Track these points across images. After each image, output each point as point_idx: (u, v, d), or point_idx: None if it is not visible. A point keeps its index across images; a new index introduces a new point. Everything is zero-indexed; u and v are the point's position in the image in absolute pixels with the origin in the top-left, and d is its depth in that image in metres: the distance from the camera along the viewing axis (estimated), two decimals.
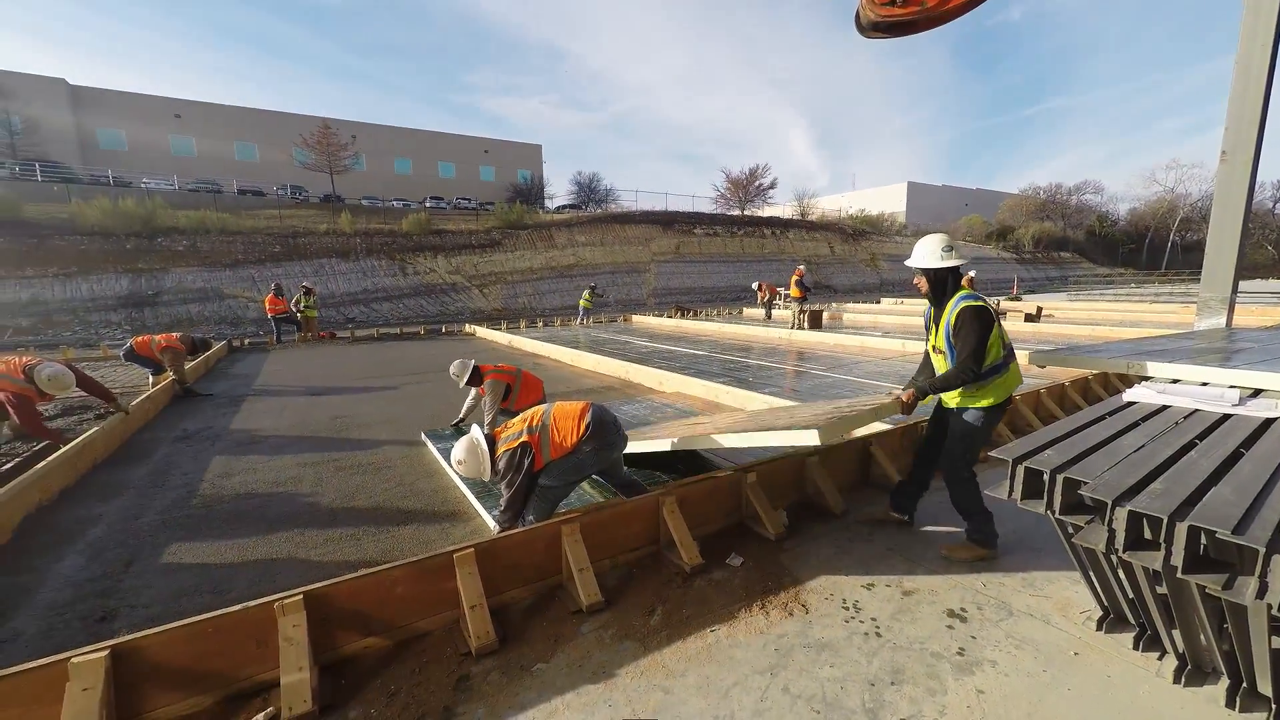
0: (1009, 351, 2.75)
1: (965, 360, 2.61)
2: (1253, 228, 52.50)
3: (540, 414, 2.98)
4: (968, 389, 2.72)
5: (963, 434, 2.80)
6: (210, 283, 20.71)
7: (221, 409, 6.65)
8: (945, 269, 2.72)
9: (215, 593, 2.69)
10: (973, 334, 2.59)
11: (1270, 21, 5.48)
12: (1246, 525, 1.24)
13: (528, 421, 2.93)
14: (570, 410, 3.00)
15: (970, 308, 2.62)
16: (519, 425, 2.93)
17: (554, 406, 3.05)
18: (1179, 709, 1.83)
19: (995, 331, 2.65)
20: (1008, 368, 2.74)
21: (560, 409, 3.02)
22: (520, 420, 2.98)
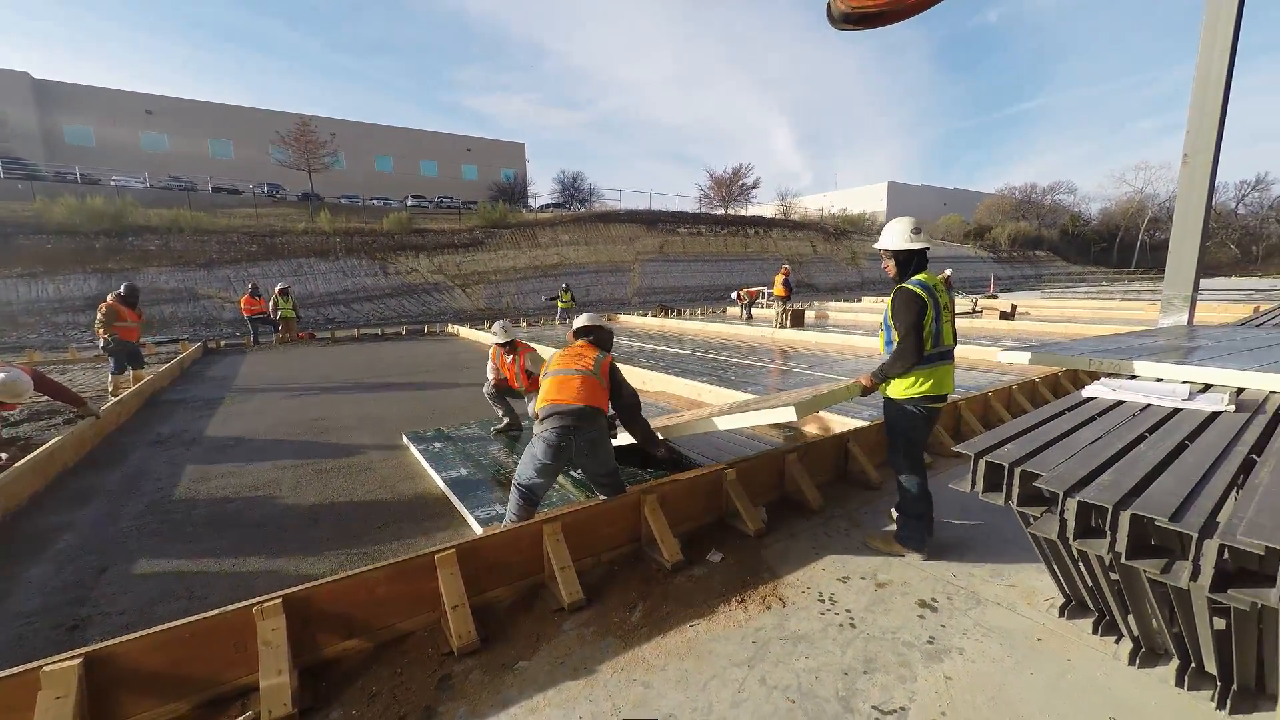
0: (940, 351, 2.70)
1: (901, 341, 2.63)
2: (1215, 227, 54.32)
3: (549, 369, 3.21)
4: (902, 378, 2.73)
5: (891, 424, 2.87)
6: (184, 283, 20.25)
7: (197, 412, 6.53)
8: (910, 251, 2.73)
9: (191, 599, 2.66)
10: (902, 315, 2.60)
11: (1228, 30, 5.70)
12: (1183, 513, 1.32)
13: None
14: (554, 383, 3.07)
15: (903, 290, 2.63)
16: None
17: (552, 373, 3.15)
18: (1133, 689, 1.92)
19: (928, 319, 2.62)
20: (933, 365, 2.70)
21: (551, 379, 3.11)
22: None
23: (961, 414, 4.78)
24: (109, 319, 7.27)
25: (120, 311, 7.44)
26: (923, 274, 2.73)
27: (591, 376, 3.07)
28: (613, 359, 3.28)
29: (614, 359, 3.29)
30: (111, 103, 33.95)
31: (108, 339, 7.28)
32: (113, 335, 7.31)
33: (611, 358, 3.28)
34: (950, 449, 2.81)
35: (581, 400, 2.96)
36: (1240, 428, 1.94)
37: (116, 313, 7.38)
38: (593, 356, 3.20)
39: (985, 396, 5.07)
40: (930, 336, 2.64)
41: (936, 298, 2.67)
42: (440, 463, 4.31)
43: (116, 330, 7.35)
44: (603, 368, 3.16)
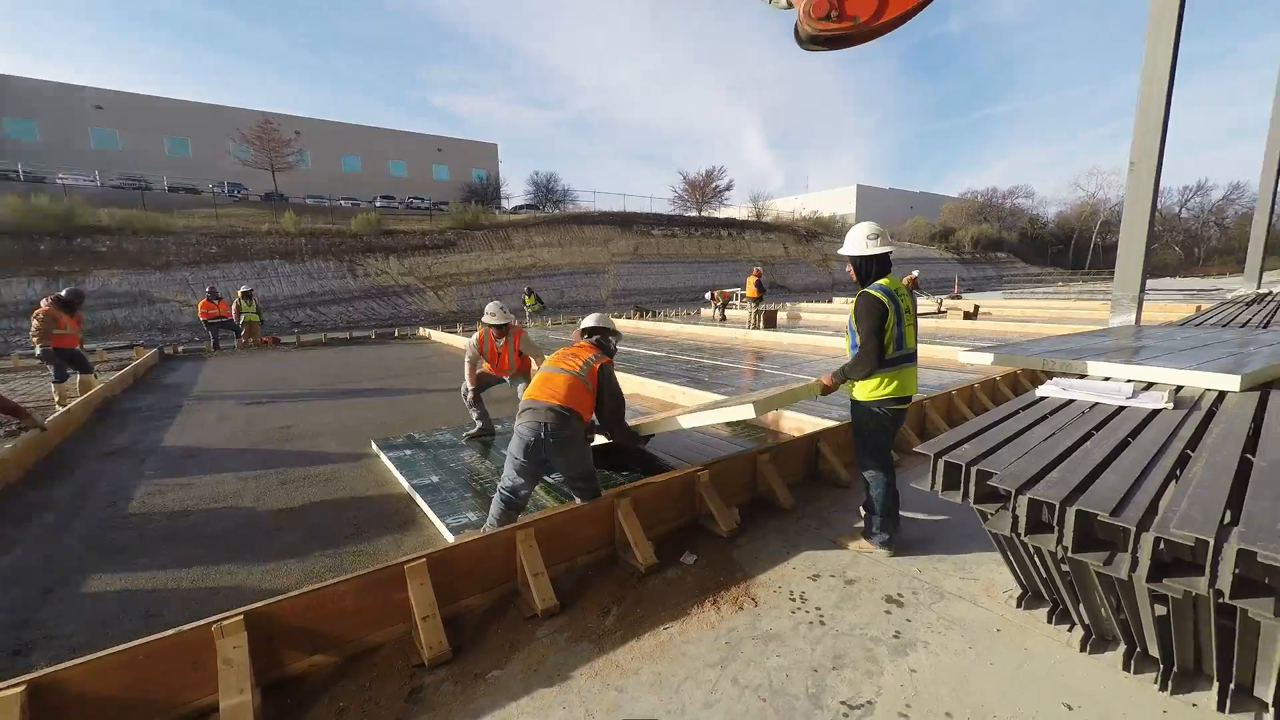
0: (903, 354, 2.77)
1: (862, 345, 2.71)
2: (1160, 231, 57.29)
3: (543, 365, 3.28)
4: (866, 380, 2.80)
5: (857, 426, 2.95)
6: (138, 286, 19.41)
7: (153, 422, 6.27)
8: (868, 257, 2.79)
9: (147, 618, 2.56)
10: (864, 320, 2.67)
11: (1168, 44, 6.02)
12: (1123, 508, 1.39)
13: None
14: (540, 380, 3.12)
15: (864, 295, 2.71)
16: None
17: (543, 369, 3.21)
18: (1084, 675, 2.01)
19: (889, 324, 2.68)
20: (896, 367, 2.76)
21: (539, 376, 3.16)
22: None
23: (927, 412, 4.93)
24: (46, 327, 6.82)
25: (58, 319, 6.97)
26: (885, 278, 2.79)
27: (577, 379, 3.06)
28: (607, 363, 3.25)
29: (609, 363, 3.26)
30: (58, 97, 32.28)
31: (44, 347, 6.84)
32: (45, 344, 6.83)
33: (607, 361, 3.26)
34: (913, 448, 2.88)
35: (559, 400, 2.96)
36: (1177, 424, 2.06)
37: (54, 320, 6.91)
38: (585, 358, 3.18)
39: (949, 395, 5.24)
40: (892, 340, 2.71)
41: (898, 302, 2.73)
42: (411, 470, 4.24)
43: (52, 339, 6.88)
44: (592, 370, 3.13)
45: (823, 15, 1.75)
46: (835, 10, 1.74)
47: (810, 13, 1.76)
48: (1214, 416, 2.20)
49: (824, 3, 1.74)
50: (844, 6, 1.74)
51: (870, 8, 1.73)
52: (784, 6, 2.00)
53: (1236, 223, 57.59)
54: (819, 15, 1.75)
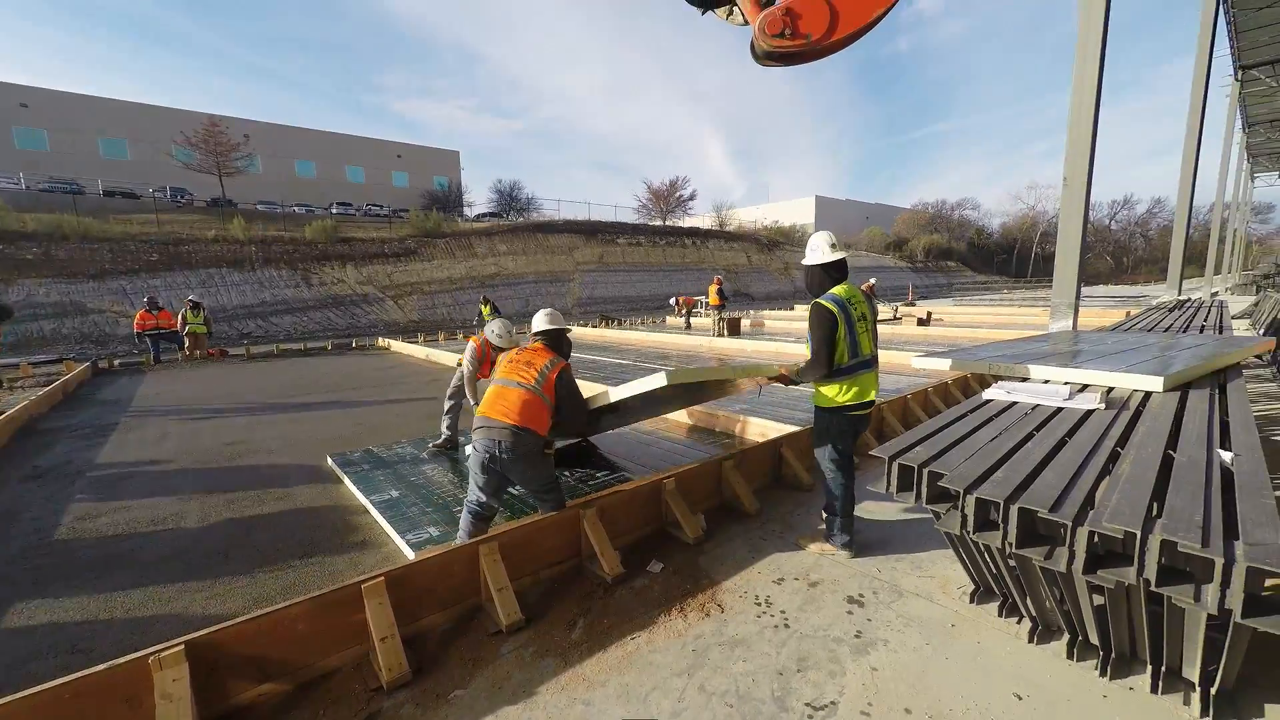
0: (859, 360, 2.83)
1: (813, 352, 2.82)
2: (1093, 242, 61.32)
3: (495, 375, 3.12)
4: (823, 385, 2.90)
5: (819, 431, 3.02)
6: (69, 296, 18.17)
7: (85, 440, 5.86)
8: (818, 265, 2.88)
9: (74, 653, 2.38)
10: (815, 330, 2.77)
11: (1094, 68, 6.48)
12: (1061, 504, 1.48)
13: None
14: (493, 395, 2.98)
15: (815, 305, 2.79)
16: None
17: (497, 380, 3.05)
18: (1032, 665, 2.11)
19: (840, 334, 2.74)
20: (854, 374, 2.83)
21: (493, 389, 3.02)
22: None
23: (884, 416, 5.09)
24: None
25: None
26: (840, 287, 2.85)
27: (532, 394, 2.91)
28: (565, 366, 3.09)
29: (566, 368, 3.10)
30: None
31: None
32: None
33: (564, 365, 3.10)
34: (869, 452, 2.97)
35: (512, 419, 2.84)
36: (1109, 423, 2.20)
37: None
38: (540, 366, 3.01)
39: (904, 399, 5.43)
40: (847, 348, 2.78)
41: (850, 311, 2.79)
42: (369, 485, 4.10)
43: None
44: (549, 382, 2.99)
45: (777, 32, 1.82)
46: (789, 28, 1.80)
47: (765, 30, 1.82)
48: (1140, 416, 2.36)
49: (778, 21, 1.80)
50: (797, 25, 1.81)
51: (822, 26, 1.80)
52: (741, 23, 2.06)
53: (1159, 234, 62.18)
54: (773, 32, 1.82)
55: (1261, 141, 28.97)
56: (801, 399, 6.63)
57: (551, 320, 3.26)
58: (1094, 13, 6.48)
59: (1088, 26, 6.55)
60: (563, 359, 3.16)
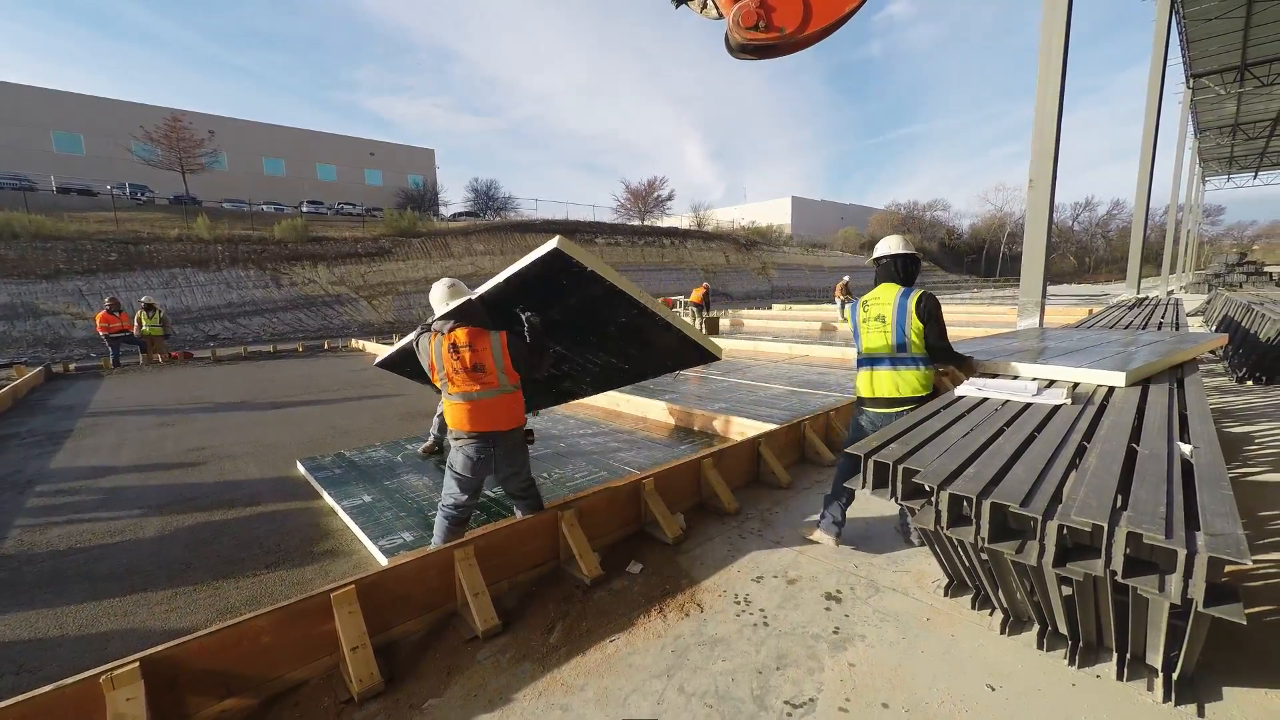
0: (863, 357, 3.04)
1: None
2: (1057, 242, 63.46)
3: (447, 389, 2.87)
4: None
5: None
6: (20, 297, 17.33)
7: (36, 448, 5.58)
8: (874, 265, 3.10)
9: (21, 673, 2.25)
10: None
11: (1057, 74, 6.68)
12: (1031, 498, 1.51)
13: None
14: (463, 412, 2.80)
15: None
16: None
17: (453, 397, 2.84)
18: (1004, 656, 2.15)
19: (857, 330, 3.04)
20: (860, 368, 3.07)
21: (456, 407, 2.82)
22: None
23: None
24: None
25: None
26: (876, 288, 3.00)
27: (502, 395, 2.81)
28: (504, 334, 2.82)
29: (504, 335, 2.82)
30: None
31: None
32: None
33: (503, 334, 2.82)
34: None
35: (500, 425, 2.83)
36: (1075, 418, 2.26)
37: None
38: (489, 355, 2.76)
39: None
40: (858, 345, 3.03)
41: (860, 312, 2.99)
42: (340, 490, 3.99)
43: None
44: (506, 365, 2.79)
45: (751, 25, 1.82)
46: (763, 20, 1.81)
47: (739, 22, 1.82)
48: (1105, 410, 2.43)
49: (752, 13, 1.80)
50: (771, 17, 1.81)
51: (796, 19, 1.81)
52: (715, 17, 2.06)
53: (1118, 235, 64.72)
54: (747, 25, 1.82)
55: (1212, 147, 30.39)
56: (781, 398, 6.69)
57: (455, 292, 2.88)
58: (1055, 22, 6.69)
59: (1049, 35, 6.76)
60: (489, 329, 2.84)
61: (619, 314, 3.07)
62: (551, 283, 2.89)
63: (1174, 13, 15.41)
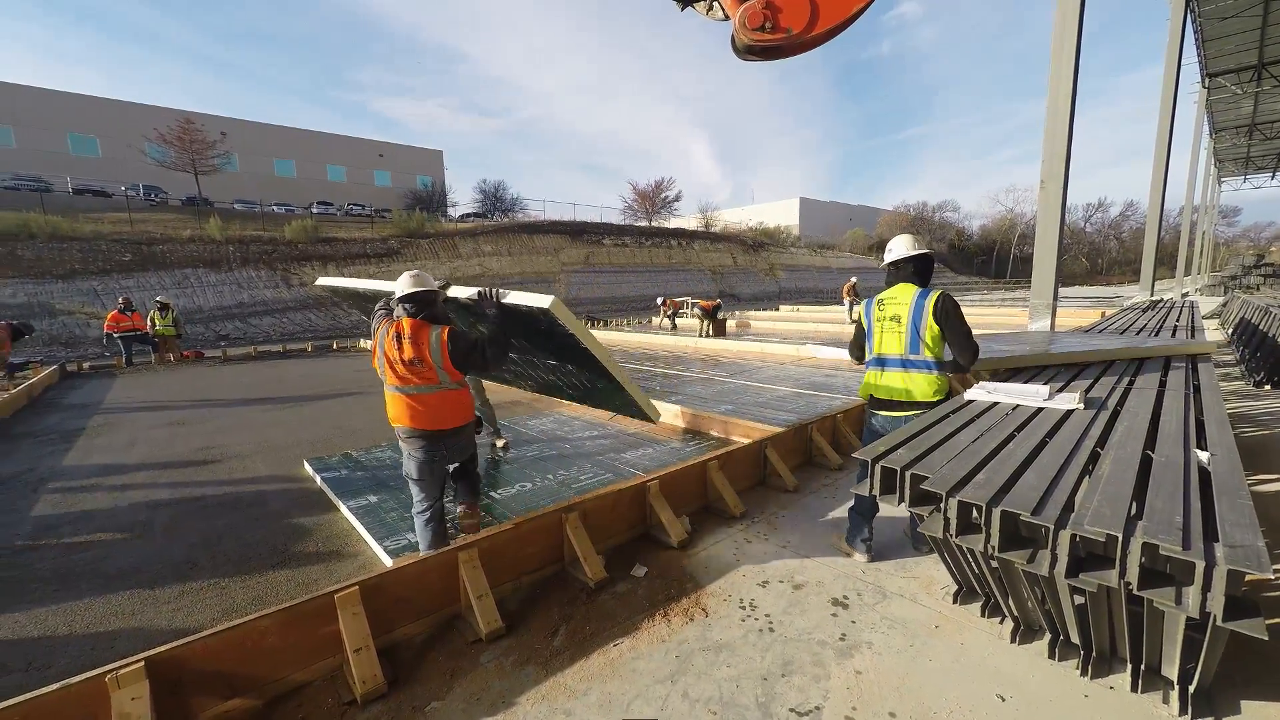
0: (872, 360, 2.97)
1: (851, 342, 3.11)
2: (1069, 244, 62.75)
3: (387, 381, 2.83)
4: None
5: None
6: (37, 297, 17.59)
7: (49, 446, 5.65)
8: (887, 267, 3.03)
9: (29, 670, 2.27)
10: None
11: (1069, 74, 6.59)
12: (1043, 506, 1.47)
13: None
14: (403, 406, 2.77)
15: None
16: None
17: (394, 389, 2.79)
18: (1015, 665, 2.11)
19: (862, 330, 3.01)
20: (868, 369, 3.03)
21: (397, 399, 2.79)
22: None
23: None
24: None
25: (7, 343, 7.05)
26: (891, 288, 2.93)
27: (444, 391, 2.77)
28: (449, 331, 2.76)
29: (451, 330, 2.77)
30: None
31: None
32: None
33: (447, 330, 2.76)
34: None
35: (444, 423, 2.81)
36: (1088, 424, 2.22)
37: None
38: (426, 349, 2.70)
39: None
40: (867, 344, 2.98)
41: (874, 312, 2.93)
42: (347, 490, 4.00)
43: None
44: (445, 362, 2.72)
45: (757, 26, 1.80)
46: (769, 21, 1.79)
47: (745, 23, 1.80)
48: (1119, 415, 2.38)
49: (759, 14, 1.78)
50: (778, 18, 1.79)
51: (803, 20, 1.79)
52: (721, 18, 2.04)
53: (1131, 236, 63.83)
54: (754, 26, 1.80)
55: (1228, 147, 29.92)
56: (787, 400, 6.65)
57: (417, 282, 2.82)
58: (1068, 21, 6.61)
59: (1061, 34, 6.68)
60: (441, 324, 2.81)
61: (586, 364, 3.23)
62: (537, 322, 3.08)
63: (1189, 11, 15.20)
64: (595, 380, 3.40)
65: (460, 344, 2.75)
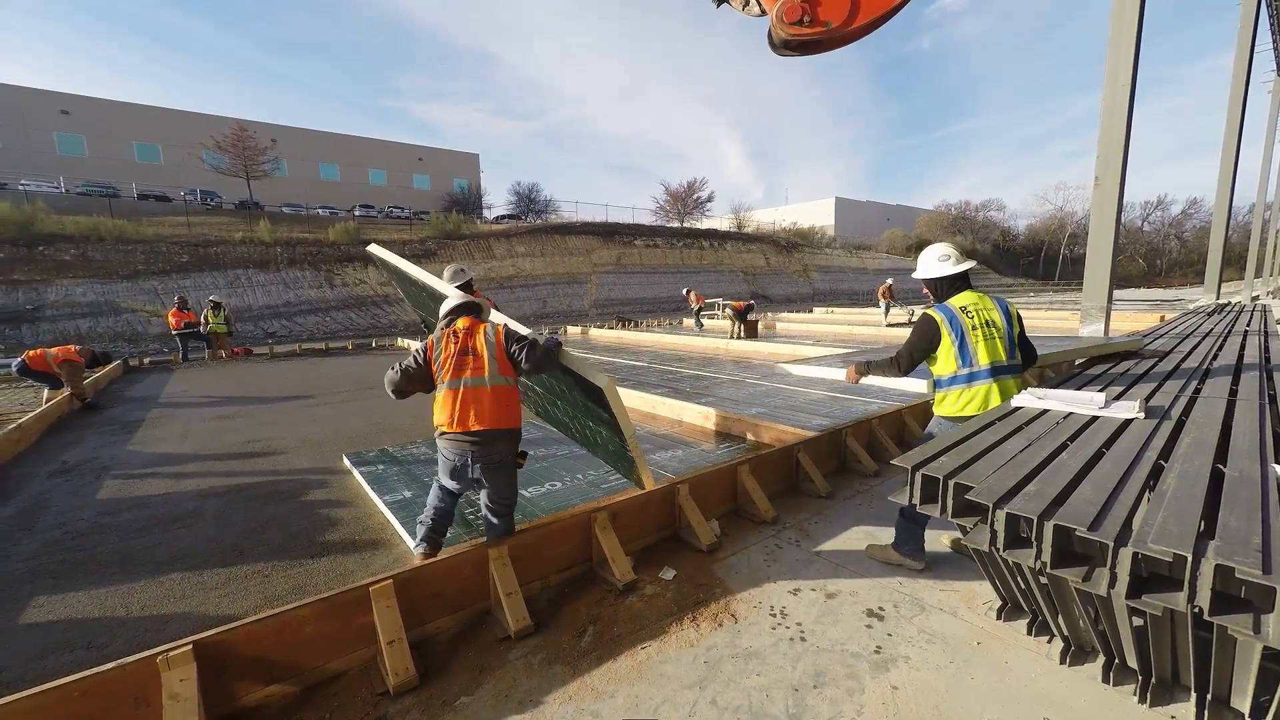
0: (972, 372, 2.68)
1: (898, 352, 2.83)
2: (1124, 243, 59.51)
3: (441, 375, 2.69)
4: (946, 397, 2.79)
5: (921, 438, 2.96)
6: (104, 295, 18.76)
7: (112, 436, 6.00)
8: (936, 279, 2.85)
9: (90, 649, 2.40)
10: (911, 337, 2.78)
11: (1128, 65, 6.24)
12: (1101, 521, 1.38)
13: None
14: (454, 401, 2.61)
15: (923, 315, 2.77)
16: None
17: (448, 384, 2.65)
18: (1064, 687, 1.99)
19: (945, 344, 2.68)
20: (970, 384, 2.69)
21: (447, 393, 2.64)
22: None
23: (905, 422, 4.95)
24: (75, 377, 7.43)
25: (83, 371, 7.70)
26: (960, 296, 2.77)
27: (499, 386, 2.63)
28: (503, 329, 2.79)
29: (501, 328, 2.79)
30: (20, 101, 31.33)
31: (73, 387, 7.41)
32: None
33: (502, 328, 2.78)
34: (891, 461, 2.87)
35: (485, 423, 2.58)
36: (1149, 434, 2.07)
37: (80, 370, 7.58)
38: (483, 345, 2.66)
39: (926, 404, 5.27)
40: (956, 357, 2.67)
41: (959, 319, 2.68)
42: (383, 485, 4.10)
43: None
44: (500, 356, 2.66)
45: (795, 20, 1.75)
46: (808, 15, 1.74)
47: (783, 18, 1.75)
48: (1184, 426, 2.22)
49: (796, 8, 1.73)
50: (817, 12, 1.74)
51: (843, 13, 1.73)
52: (757, 13, 2.00)
53: (1195, 235, 60.05)
54: (792, 20, 1.75)
55: None
56: (821, 404, 6.50)
57: (457, 274, 2.83)
58: (1128, 6, 6.25)
59: (1120, 22, 6.32)
60: (492, 321, 2.84)
61: (608, 427, 3.22)
62: (583, 384, 3.06)
63: None
64: (608, 441, 3.39)
65: (515, 340, 2.74)
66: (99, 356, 7.96)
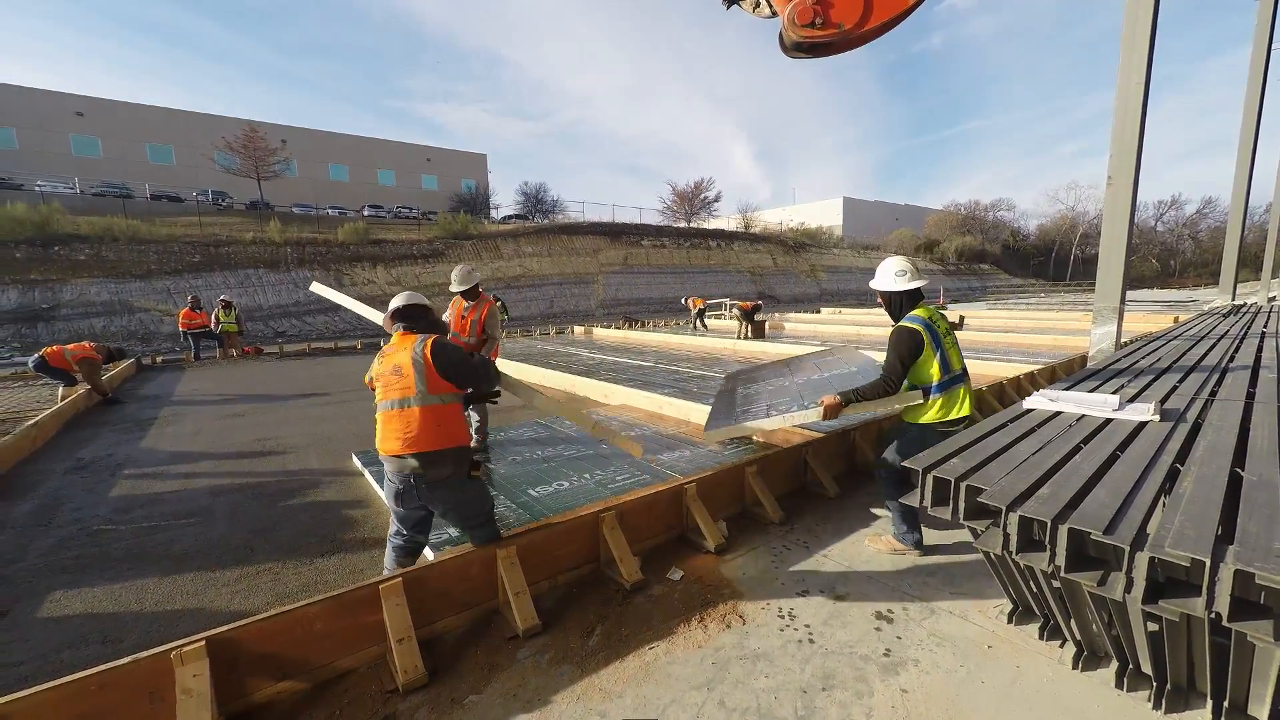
0: (953, 377, 2.78)
1: (883, 373, 2.80)
2: (1138, 244, 58.78)
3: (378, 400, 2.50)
4: (925, 405, 2.81)
5: (911, 446, 2.85)
6: (118, 295, 19.01)
7: (125, 434, 6.08)
8: (895, 292, 2.89)
9: (105, 643, 2.43)
10: (895, 349, 2.75)
11: (1143, 62, 6.16)
12: (1116, 525, 1.36)
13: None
14: (380, 423, 2.45)
15: (900, 328, 2.79)
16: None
17: (379, 406, 2.48)
18: (1077, 693, 1.97)
19: (928, 354, 2.74)
20: (949, 389, 2.78)
21: (380, 416, 2.47)
22: None
23: None
24: (94, 374, 7.69)
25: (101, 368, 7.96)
26: (920, 309, 2.84)
27: (421, 407, 2.38)
28: (434, 339, 2.49)
29: (437, 340, 2.50)
30: (36, 103, 31.82)
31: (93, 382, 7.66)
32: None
33: (432, 338, 2.49)
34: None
35: (413, 447, 2.37)
36: (1165, 437, 2.05)
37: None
38: (409, 364, 2.40)
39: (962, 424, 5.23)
40: (939, 365, 2.75)
41: (935, 329, 2.78)
42: None
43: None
44: (428, 372, 2.39)
45: (807, 22, 1.74)
46: (820, 17, 1.73)
47: (795, 20, 1.74)
48: (1201, 429, 2.19)
49: (808, 10, 1.72)
50: (828, 14, 1.73)
51: (855, 15, 1.72)
52: (768, 15, 1.99)
53: (1209, 236, 59.16)
54: (804, 22, 1.74)
55: None
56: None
57: (410, 298, 2.66)
58: (1142, 3, 6.16)
59: (1134, 18, 6.23)
60: (428, 335, 2.54)
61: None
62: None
63: None
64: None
65: (448, 352, 2.50)
66: (114, 353, 8.15)
